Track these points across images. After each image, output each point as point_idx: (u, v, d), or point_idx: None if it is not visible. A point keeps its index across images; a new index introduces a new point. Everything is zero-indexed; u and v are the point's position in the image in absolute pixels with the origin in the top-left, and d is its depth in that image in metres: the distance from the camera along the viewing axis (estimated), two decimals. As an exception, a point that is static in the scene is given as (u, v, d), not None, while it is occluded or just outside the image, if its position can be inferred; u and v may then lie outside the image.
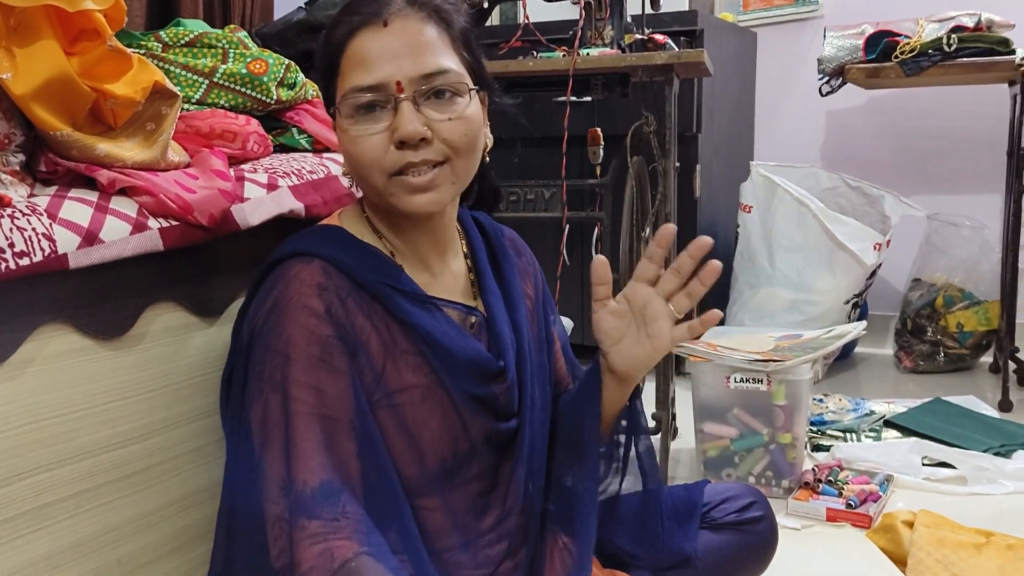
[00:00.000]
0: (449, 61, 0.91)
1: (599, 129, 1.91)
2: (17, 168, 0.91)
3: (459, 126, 0.90)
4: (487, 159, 1.00)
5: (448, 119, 0.90)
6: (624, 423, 1.06)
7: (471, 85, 0.92)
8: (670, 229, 0.94)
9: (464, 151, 0.92)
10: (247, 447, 0.87)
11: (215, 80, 1.23)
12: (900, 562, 1.51)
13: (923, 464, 1.92)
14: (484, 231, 1.08)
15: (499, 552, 0.99)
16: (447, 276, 1.00)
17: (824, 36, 2.58)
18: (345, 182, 1.18)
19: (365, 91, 0.88)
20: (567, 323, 2.40)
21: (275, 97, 1.26)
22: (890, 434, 2.14)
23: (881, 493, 1.75)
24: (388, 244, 0.97)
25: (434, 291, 0.97)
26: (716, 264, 0.92)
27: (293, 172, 1.13)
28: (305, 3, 1.76)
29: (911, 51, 2.39)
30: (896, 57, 2.41)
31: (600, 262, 0.95)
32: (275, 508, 0.83)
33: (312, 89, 1.35)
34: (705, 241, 0.91)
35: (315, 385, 0.86)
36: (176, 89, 1.01)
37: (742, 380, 1.80)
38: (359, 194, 1.00)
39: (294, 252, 0.91)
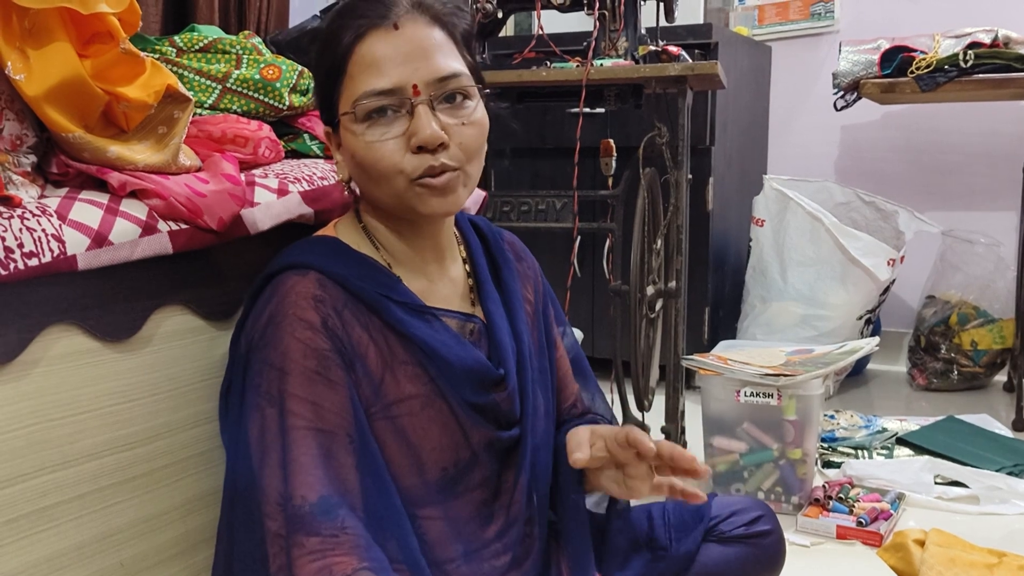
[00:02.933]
0: (458, 64, 0.91)
1: (612, 140, 1.91)
2: (28, 169, 0.91)
3: (473, 131, 0.91)
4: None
5: (462, 124, 0.90)
6: None
7: (478, 88, 0.92)
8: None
9: (476, 156, 0.92)
10: (246, 461, 0.86)
11: (228, 85, 1.23)
12: (911, 581, 1.50)
13: (935, 483, 1.89)
14: (482, 236, 1.07)
15: (504, 563, 0.97)
16: (446, 283, 0.99)
17: (839, 51, 2.57)
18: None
19: (380, 95, 0.88)
20: (577, 334, 2.39)
21: (287, 103, 1.26)
22: (902, 452, 2.12)
23: (892, 511, 1.73)
24: (385, 253, 0.96)
25: (432, 299, 0.97)
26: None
27: (304, 178, 1.13)
28: (320, 11, 1.77)
29: (927, 67, 2.38)
30: (912, 72, 2.39)
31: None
32: (273, 524, 0.82)
33: (325, 95, 1.35)
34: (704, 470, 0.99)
35: (312, 399, 0.85)
36: (189, 93, 1.02)
37: (752, 394, 1.79)
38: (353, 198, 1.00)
39: (289, 264, 0.90)
